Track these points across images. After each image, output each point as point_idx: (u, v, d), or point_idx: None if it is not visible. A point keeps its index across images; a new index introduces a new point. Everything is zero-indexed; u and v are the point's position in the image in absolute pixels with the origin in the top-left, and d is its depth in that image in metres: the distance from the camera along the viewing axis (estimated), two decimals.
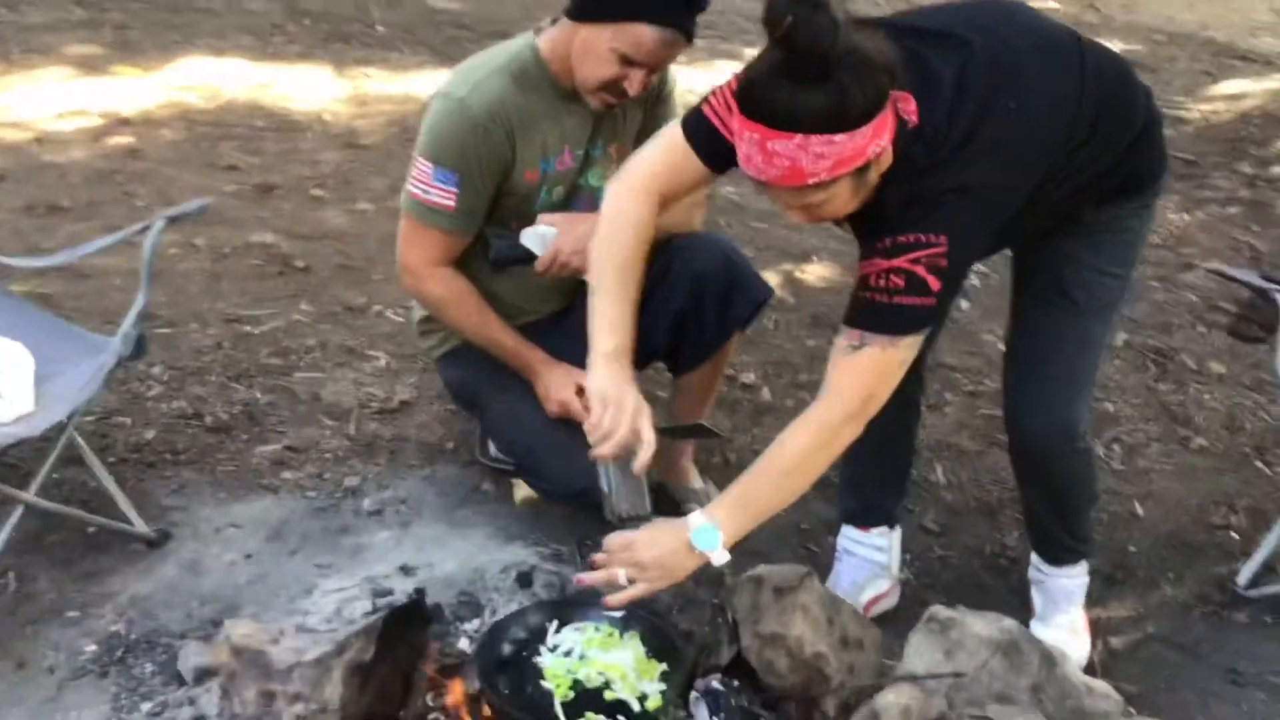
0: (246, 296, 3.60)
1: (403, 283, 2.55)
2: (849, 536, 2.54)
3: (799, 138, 1.66)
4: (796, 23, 1.62)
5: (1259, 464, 3.18)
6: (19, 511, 2.30)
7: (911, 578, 2.65)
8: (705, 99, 1.97)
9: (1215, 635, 2.56)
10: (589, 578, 1.93)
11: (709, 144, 1.96)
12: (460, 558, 2.49)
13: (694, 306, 2.50)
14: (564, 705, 1.84)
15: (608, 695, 1.87)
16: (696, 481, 2.78)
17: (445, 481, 2.83)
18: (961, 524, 2.88)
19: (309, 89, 5.46)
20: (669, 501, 2.74)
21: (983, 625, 2.01)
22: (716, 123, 1.93)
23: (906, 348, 1.87)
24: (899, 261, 1.82)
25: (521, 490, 2.75)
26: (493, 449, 2.91)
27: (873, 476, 2.48)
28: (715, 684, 1.94)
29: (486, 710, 1.87)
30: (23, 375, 2.30)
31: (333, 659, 1.82)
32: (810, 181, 1.71)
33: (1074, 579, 2.49)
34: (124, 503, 2.54)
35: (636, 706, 1.86)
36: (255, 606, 2.35)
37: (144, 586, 2.41)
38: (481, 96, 2.29)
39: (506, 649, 1.96)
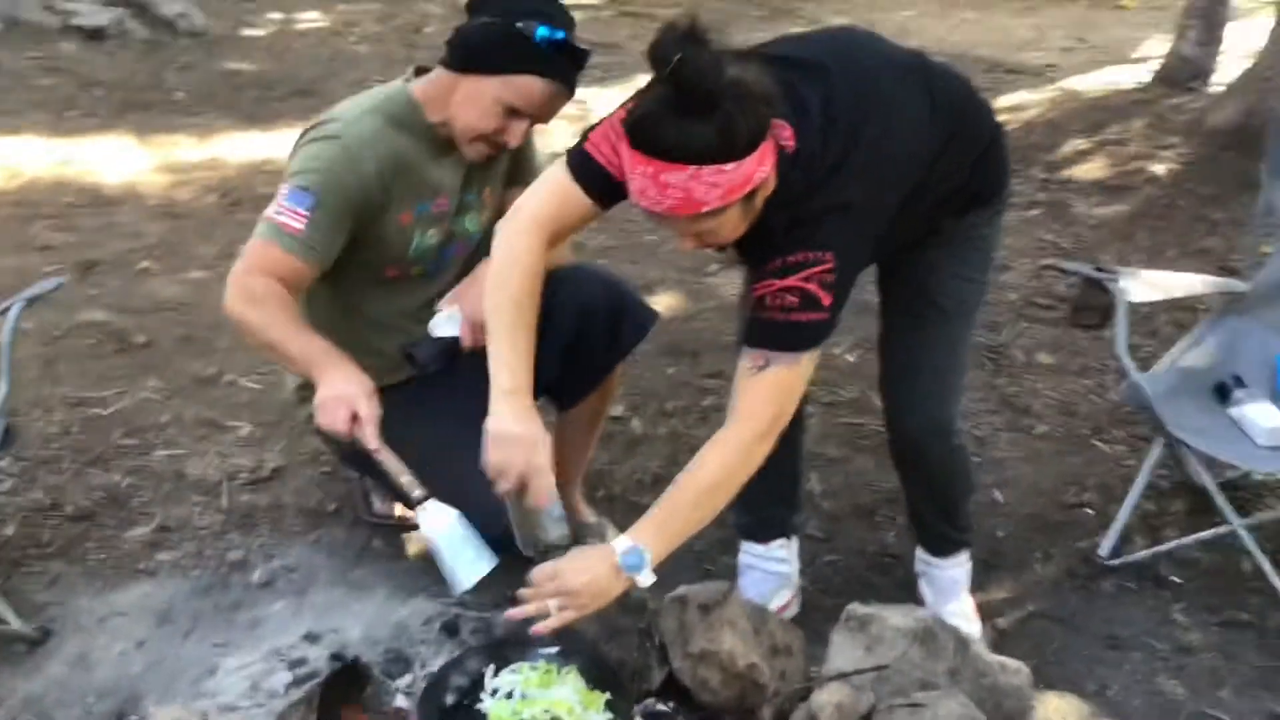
0: (88, 378, 3.45)
1: (226, 298, 2.25)
2: (750, 552, 2.60)
3: (691, 169, 1.73)
4: (683, 60, 1.69)
5: (1098, 443, 3.40)
6: None
7: (806, 584, 2.73)
8: (586, 136, 2.02)
9: (1088, 606, 2.72)
10: (519, 612, 1.93)
11: (593, 181, 2.01)
12: (365, 618, 2.44)
13: (580, 338, 2.53)
14: None
15: None
16: (590, 516, 2.81)
17: (333, 544, 2.77)
18: (842, 529, 2.99)
19: (115, 161, 5.28)
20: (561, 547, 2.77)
21: (899, 617, 2.10)
22: (601, 159, 1.99)
23: (808, 363, 1.96)
24: (792, 280, 1.90)
25: (414, 545, 2.73)
26: (377, 505, 2.87)
27: (767, 492, 2.54)
28: (658, 706, 1.97)
29: None
30: None
31: None
32: (704, 210, 1.78)
33: (959, 567, 2.63)
34: None
35: None
36: (157, 694, 2.26)
37: (34, 687, 2.29)
38: (355, 131, 2.26)
39: (449, 699, 1.94)
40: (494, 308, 2.05)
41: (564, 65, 2.26)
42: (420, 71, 2.43)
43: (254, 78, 6.93)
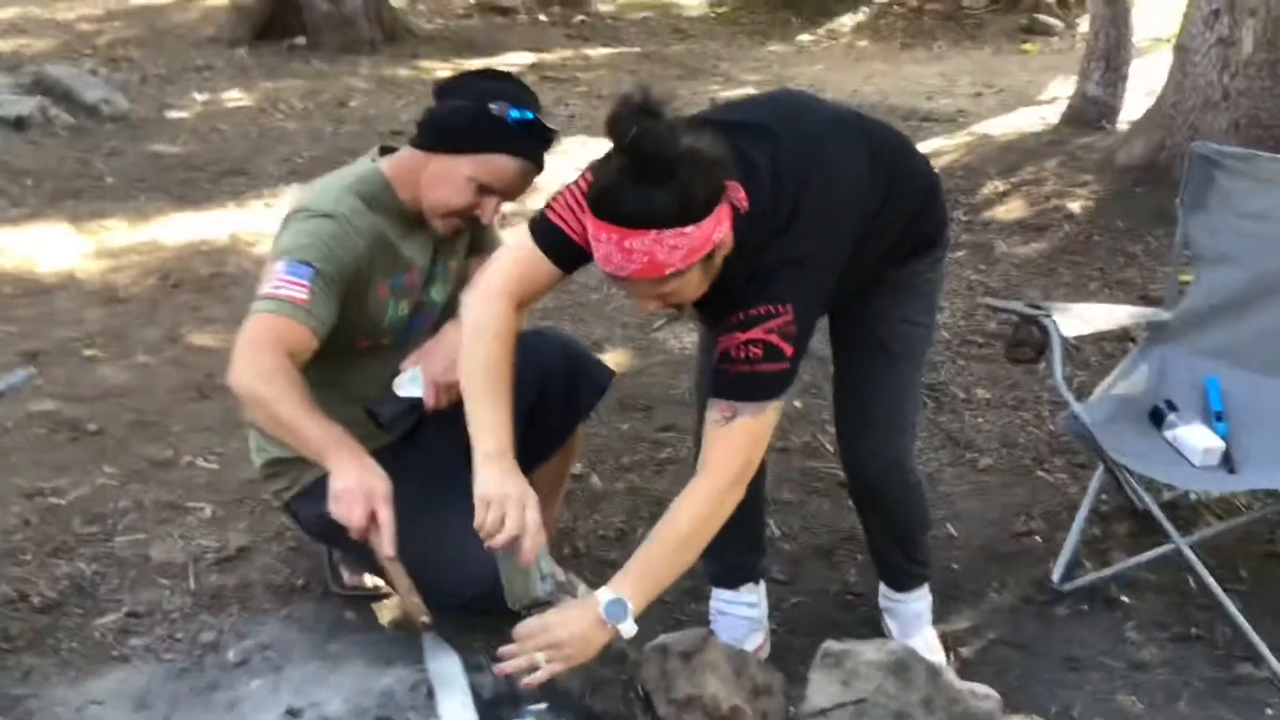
0: (42, 468, 3.43)
1: (232, 372, 2.26)
2: (721, 599, 2.67)
3: (653, 233, 1.83)
4: (640, 132, 1.79)
5: (1040, 473, 3.53)
6: None
7: (774, 626, 2.80)
8: (549, 205, 2.11)
9: (1045, 630, 2.82)
10: (507, 666, 1.98)
11: (558, 248, 2.10)
12: (345, 690, 2.46)
13: (540, 400, 2.60)
14: None
15: None
16: (560, 575, 2.83)
17: (306, 619, 2.78)
18: (804, 571, 3.06)
19: (50, 249, 5.26)
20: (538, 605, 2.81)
21: (872, 651, 2.18)
22: (563, 227, 2.07)
23: (773, 411, 2.05)
24: (754, 333, 2.00)
25: (388, 614, 2.76)
26: (346, 577, 2.90)
27: (735, 538, 2.61)
28: None
29: None
30: None
31: None
32: (667, 272, 1.88)
33: (920, 601, 2.72)
34: None
35: None
36: None
37: None
38: (341, 210, 2.34)
39: None
40: (469, 373, 2.12)
41: (534, 144, 2.37)
42: (385, 151, 2.50)
43: (182, 159, 6.94)
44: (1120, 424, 2.94)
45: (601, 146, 1.94)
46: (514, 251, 2.15)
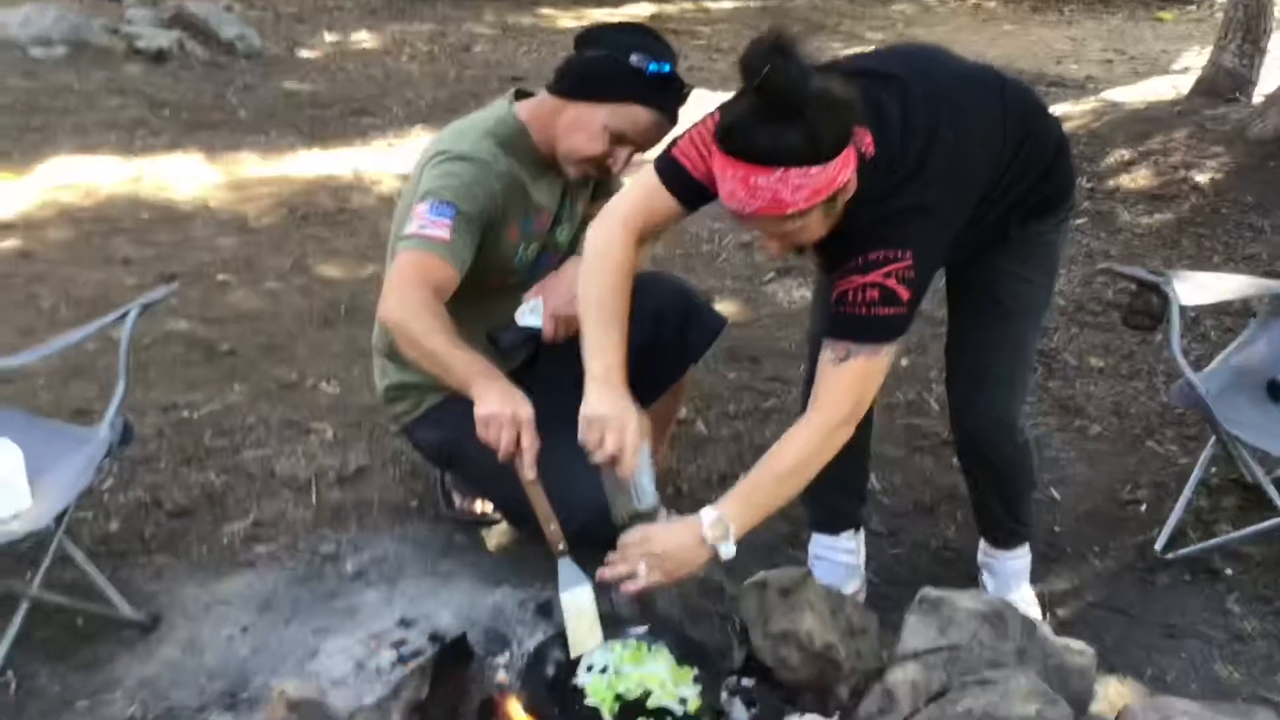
0: (177, 384, 3.62)
1: (383, 306, 2.36)
2: (820, 544, 2.73)
3: (779, 171, 1.86)
4: (772, 71, 1.83)
5: (1150, 444, 3.50)
6: (25, 607, 2.31)
7: (871, 576, 2.84)
8: (674, 143, 2.16)
9: (1145, 597, 2.82)
10: (609, 571, 2.06)
11: (681, 184, 2.15)
12: (454, 605, 2.58)
13: (653, 340, 2.67)
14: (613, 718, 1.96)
15: (650, 703, 2.00)
16: (662, 513, 2.93)
17: (419, 539, 2.91)
18: (904, 524, 3.10)
19: (186, 178, 5.47)
20: None
21: (969, 600, 2.21)
22: (687, 165, 2.13)
23: (887, 354, 2.08)
24: (873, 276, 2.03)
25: (495, 539, 2.87)
26: (458, 502, 3.01)
27: (839, 485, 2.67)
28: (743, 682, 2.09)
29: None
30: (16, 472, 2.32)
31: (390, 701, 1.91)
32: (790, 211, 1.91)
33: (1020, 559, 2.74)
34: (111, 592, 2.55)
35: (679, 710, 1.99)
36: (265, 675, 2.40)
37: (148, 669, 2.44)
38: (479, 151, 2.43)
39: (549, 673, 2.07)
40: (586, 299, 2.19)
41: (670, 97, 2.43)
42: (520, 95, 2.57)
43: (311, 97, 7.13)
44: (1235, 395, 2.91)
45: (719, 100, 1.99)
46: (638, 187, 2.22)
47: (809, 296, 4.35)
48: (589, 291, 2.19)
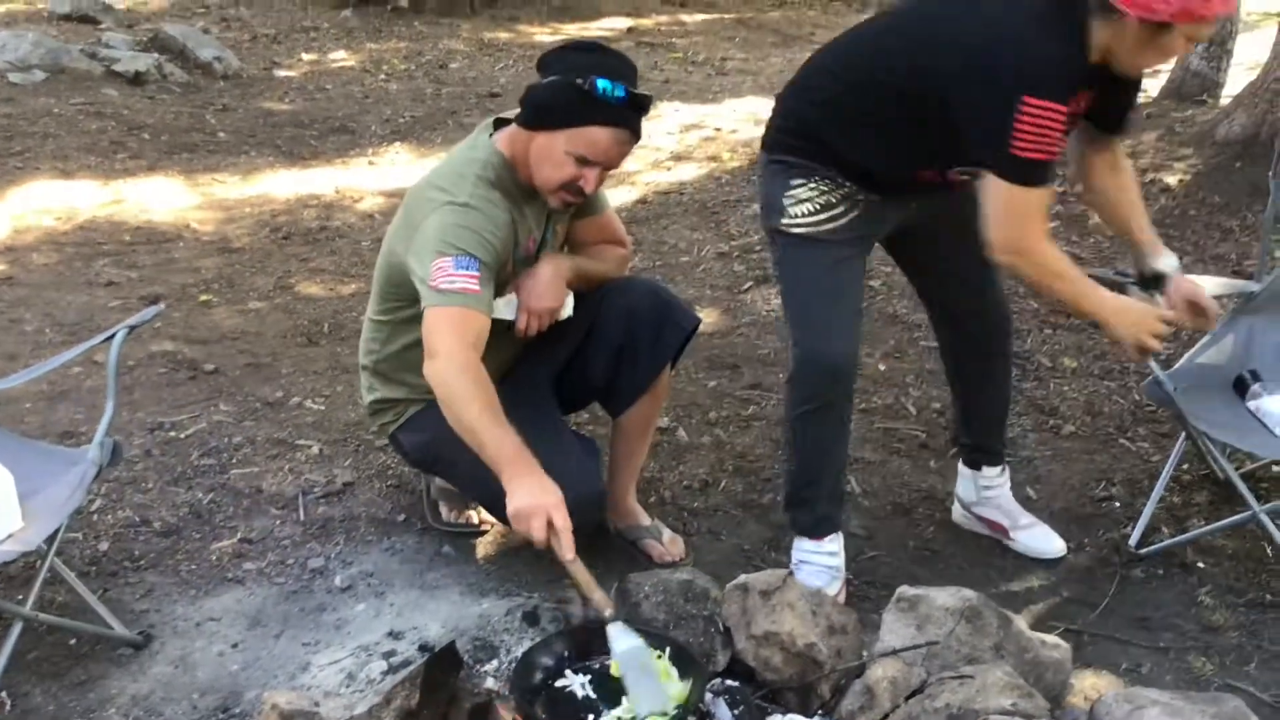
0: (163, 404, 3.65)
1: (431, 366, 2.40)
2: (803, 548, 2.78)
3: None
4: None
5: (1123, 441, 3.57)
6: (19, 627, 2.34)
7: (851, 577, 2.89)
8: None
9: (1120, 591, 2.87)
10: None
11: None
12: (443, 616, 2.62)
13: (628, 341, 2.73)
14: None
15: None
16: (645, 519, 2.98)
17: (406, 551, 2.95)
18: (882, 526, 3.15)
19: (166, 200, 5.51)
20: (623, 543, 2.95)
21: (945, 597, 2.27)
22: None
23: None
24: None
25: (483, 548, 2.92)
26: (445, 513, 3.06)
27: (826, 491, 2.73)
28: (730, 682, 2.14)
29: None
30: (6, 493, 2.35)
31: (382, 710, 1.96)
32: None
33: (1007, 478, 3.03)
34: (103, 611, 2.59)
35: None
36: (256, 689, 2.44)
37: (141, 686, 2.47)
38: (480, 199, 2.48)
39: (537, 678, 2.12)
40: (1075, 282, 2.51)
41: (626, 114, 2.45)
42: (499, 123, 2.62)
43: (290, 117, 7.18)
44: (1204, 392, 2.97)
45: (695, 111, 2.05)
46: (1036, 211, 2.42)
47: None
48: (1079, 280, 2.51)
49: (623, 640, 2.12)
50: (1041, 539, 2.99)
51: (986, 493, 3.02)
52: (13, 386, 2.92)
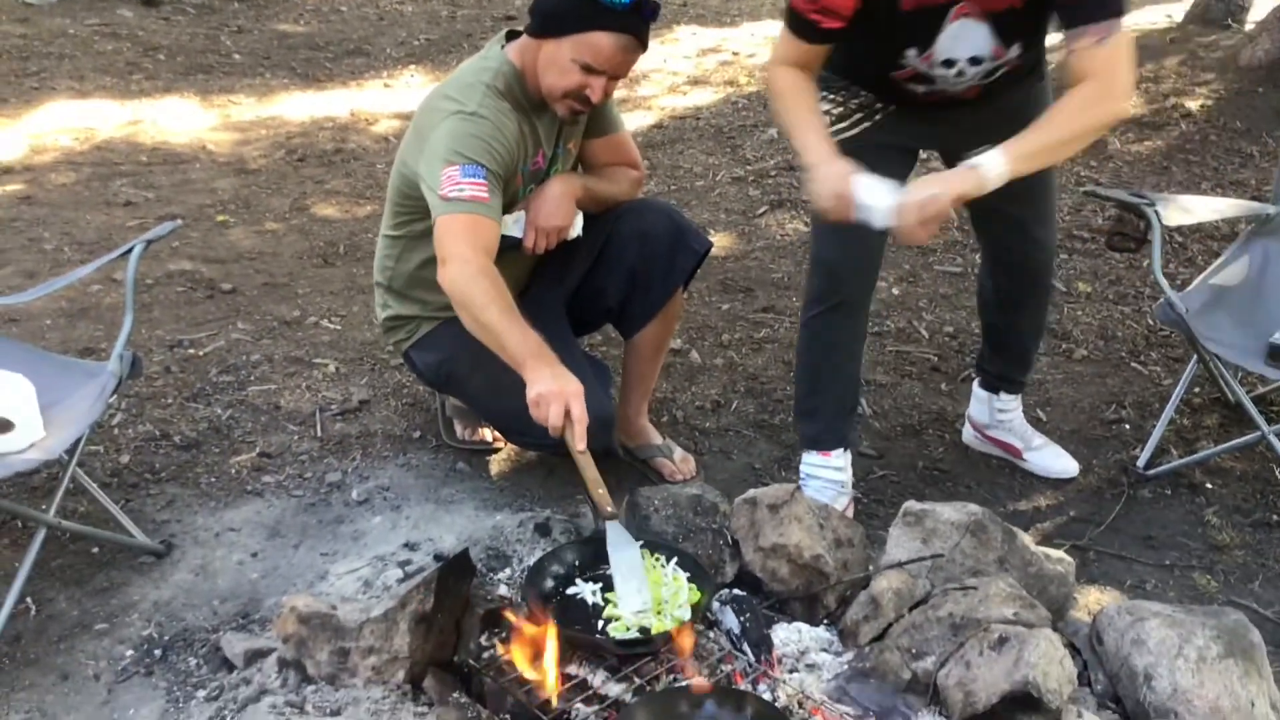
0: (181, 322, 3.69)
1: (445, 272, 2.39)
2: (811, 462, 2.81)
3: None
4: None
5: (1135, 365, 3.58)
6: (42, 534, 2.40)
7: (860, 495, 2.93)
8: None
9: (1127, 511, 2.90)
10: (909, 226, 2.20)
11: (806, 31, 2.34)
12: (457, 528, 2.67)
13: (641, 262, 2.74)
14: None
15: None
16: (656, 438, 3.02)
17: (421, 467, 3.00)
18: (893, 447, 3.18)
19: (182, 121, 5.50)
20: (635, 461, 2.99)
21: (951, 512, 2.30)
22: (804, 13, 2.30)
23: (1128, 31, 2.20)
24: None
25: (497, 465, 2.96)
26: (459, 431, 3.10)
27: (833, 402, 2.75)
28: (737, 592, 2.18)
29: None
30: (28, 404, 2.39)
31: (398, 612, 2.00)
32: None
33: (1019, 403, 3.05)
34: (125, 520, 2.64)
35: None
36: (275, 596, 2.49)
37: (163, 593, 2.53)
38: (489, 109, 2.49)
39: (548, 584, 2.17)
40: (792, 112, 2.40)
41: (631, 20, 2.44)
42: (511, 35, 2.62)
43: (305, 39, 7.13)
44: (1216, 314, 2.97)
45: (712, 35, 2.06)
46: (781, 42, 2.42)
47: (801, 229, 4.42)
48: (793, 108, 2.39)
49: (619, 540, 2.17)
50: (1054, 459, 3.03)
51: (1001, 415, 3.04)
52: (32, 301, 2.96)
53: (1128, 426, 3.26)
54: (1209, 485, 2.97)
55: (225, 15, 7.47)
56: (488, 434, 3.07)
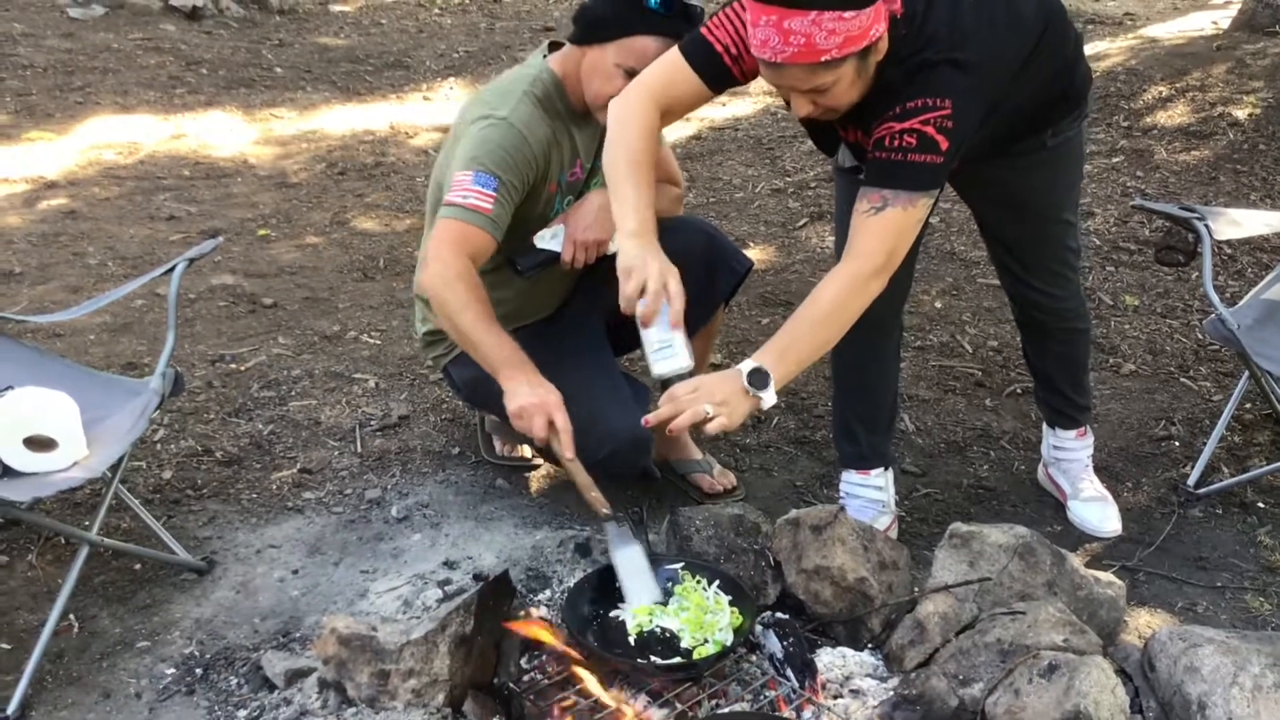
0: (223, 337, 3.70)
1: (424, 274, 2.42)
2: (850, 481, 2.77)
3: (813, 14, 1.88)
4: None
5: (1184, 380, 3.51)
6: (85, 551, 2.40)
7: (904, 514, 2.89)
8: (705, 23, 2.20)
9: (1177, 531, 2.85)
10: (655, 418, 2.04)
11: (707, 63, 2.17)
12: (497, 546, 2.66)
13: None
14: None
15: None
16: (696, 454, 2.99)
17: (461, 483, 2.99)
18: (936, 464, 3.14)
19: (224, 135, 5.54)
20: (674, 476, 2.97)
21: (999, 534, 2.27)
22: (713, 42, 2.16)
23: (922, 207, 2.08)
24: (911, 123, 2.02)
25: (536, 483, 2.94)
26: (498, 447, 3.09)
27: (870, 421, 2.72)
28: (780, 615, 2.15)
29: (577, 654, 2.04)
30: (72, 422, 2.40)
31: (438, 635, 1.99)
32: (823, 59, 1.92)
33: (1086, 449, 2.90)
34: (166, 537, 2.65)
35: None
36: (316, 614, 2.49)
37: (204, 611, 2.53)
38: (520, 116, 2.48)
39: (586, 608, 2.15)
40: (613, 161, 2.21)
41: (675, 23, 2.42)
42: (554, 46, 2.61)
43: (346, 52, 7.18)
44: (1268, 330, 2.91)
45: None
46: (661, 63, 2.24)
47: None
48: (615, 154, 2.21)
49: (619, 540, 2.17)
50: (1095, 513, 2.86)
51: (1057, 453, 2.93)
52: (76, 318, 2.98)
53: (1177, 444, 3.20)
54: (1261, 505, 2.91)
55: (267, 29, 7.53)
56: (527, 450, 3.06)
